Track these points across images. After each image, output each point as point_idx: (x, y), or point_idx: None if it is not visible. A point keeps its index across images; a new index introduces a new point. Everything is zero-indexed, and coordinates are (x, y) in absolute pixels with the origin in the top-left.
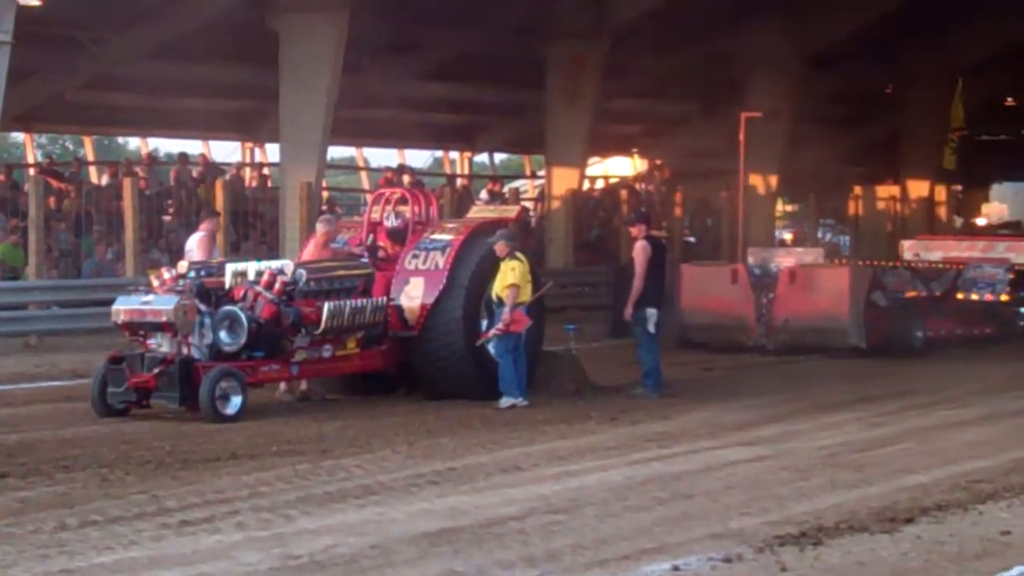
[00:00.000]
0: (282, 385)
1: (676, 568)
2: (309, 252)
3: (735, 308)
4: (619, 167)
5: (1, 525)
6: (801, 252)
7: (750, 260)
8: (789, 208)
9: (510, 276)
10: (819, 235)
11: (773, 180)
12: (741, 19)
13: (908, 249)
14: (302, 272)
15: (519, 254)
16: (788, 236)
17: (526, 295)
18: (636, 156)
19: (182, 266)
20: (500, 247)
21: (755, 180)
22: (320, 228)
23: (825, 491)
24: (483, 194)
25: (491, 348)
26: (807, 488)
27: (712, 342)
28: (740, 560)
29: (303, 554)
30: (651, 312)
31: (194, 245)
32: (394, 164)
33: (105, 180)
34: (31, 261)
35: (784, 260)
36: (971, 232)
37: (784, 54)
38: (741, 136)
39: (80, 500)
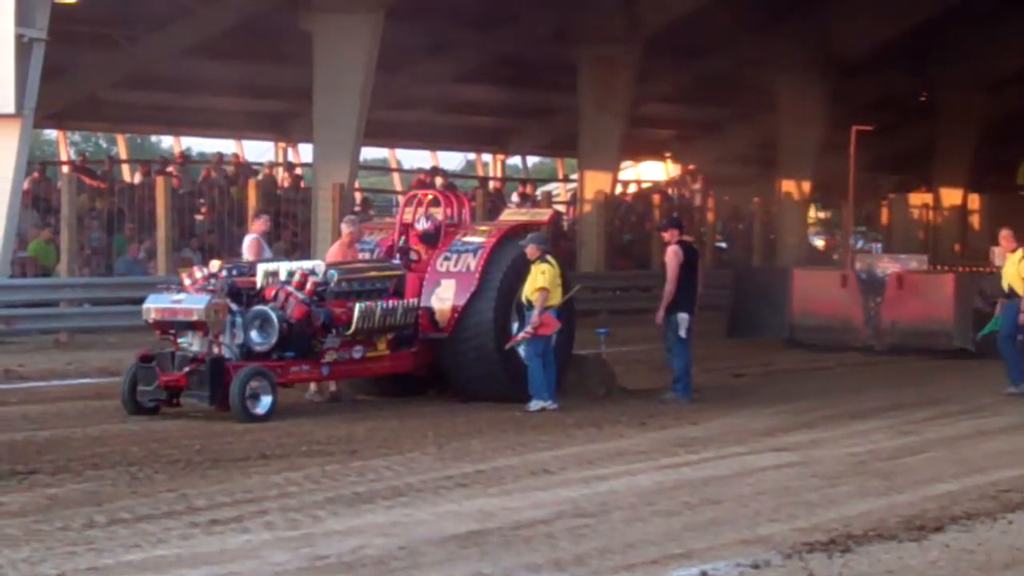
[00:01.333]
0: (312, 386)
1: (704, 573)
2: (333, 253)
3: (844, 311)
4: (652, 171)
5: (30, 522)
6: (905, 258)
7: (857, 265)
8: (821, 215)
9: (540, 279)
10: (851, 242)
11: (806, 186)
12: (773, 26)
13: (998, 256)
14: (333, 273)
15: (549, 257)
16: (820, 243)
17: (556, 298)
18: (669, 161)
19: (214, 265)
20: (531, 250)
21: (788, 186)
22: (345, 228)
23: (854, 498)
24: (514, 197)
25: (521, 351)
26: (836, 495)
27: (821, 343)
28: (768, 566)
29: (331, 555)
30: (682, 317)
31: (245, 248)
32: (427, 166)
33: (138, 178)
34: (63, 258)
35: (889, 266)
36: None
37: (816, 61)
38: (851, 149)
39: (109, 498)
